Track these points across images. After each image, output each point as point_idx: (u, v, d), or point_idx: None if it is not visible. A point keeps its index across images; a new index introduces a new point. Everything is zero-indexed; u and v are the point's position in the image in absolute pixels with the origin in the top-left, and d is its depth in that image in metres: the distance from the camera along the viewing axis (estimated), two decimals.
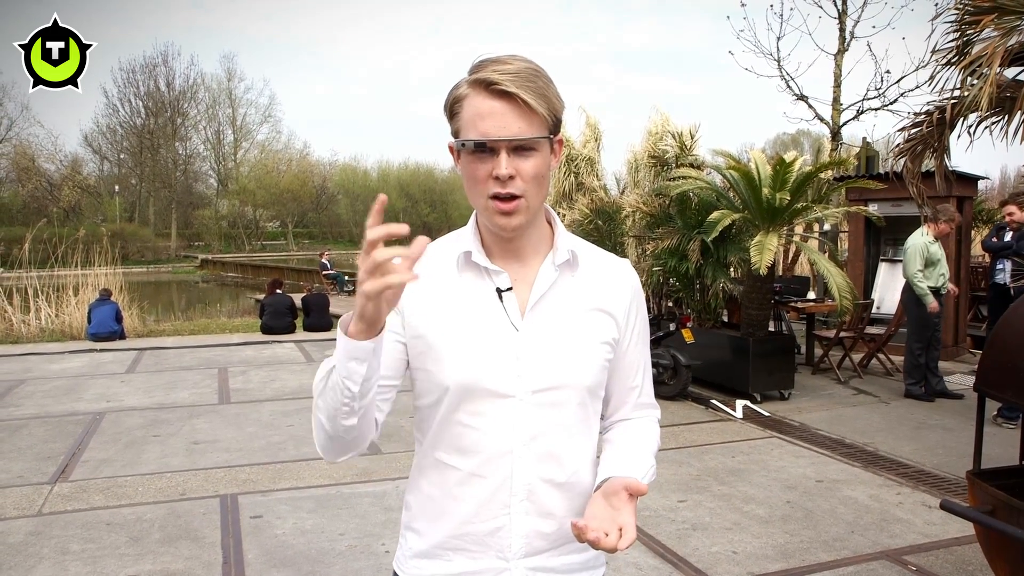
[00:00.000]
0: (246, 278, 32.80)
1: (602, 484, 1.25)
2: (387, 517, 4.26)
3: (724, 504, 4.47)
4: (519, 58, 1.22)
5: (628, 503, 1.18)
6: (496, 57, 1.22)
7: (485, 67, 1.20)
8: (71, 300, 12.95)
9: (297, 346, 10.62)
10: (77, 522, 4.24)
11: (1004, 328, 2.87)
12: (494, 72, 1.18)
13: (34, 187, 47.53)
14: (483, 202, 1.23)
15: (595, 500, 1.22)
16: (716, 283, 7.51)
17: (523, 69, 1.19)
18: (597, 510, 1.19)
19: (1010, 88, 4.96)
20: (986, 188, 22.28)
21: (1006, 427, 5.96)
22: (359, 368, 1.11)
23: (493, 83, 1.18)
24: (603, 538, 1.12)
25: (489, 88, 1.18)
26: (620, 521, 1.16)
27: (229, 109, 58.94)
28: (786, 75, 12.12)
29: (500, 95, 1.18)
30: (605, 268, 1.36)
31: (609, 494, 1.20)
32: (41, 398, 7.35)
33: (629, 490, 1.18)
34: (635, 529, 1.16)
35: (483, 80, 1.19)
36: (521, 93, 1.17)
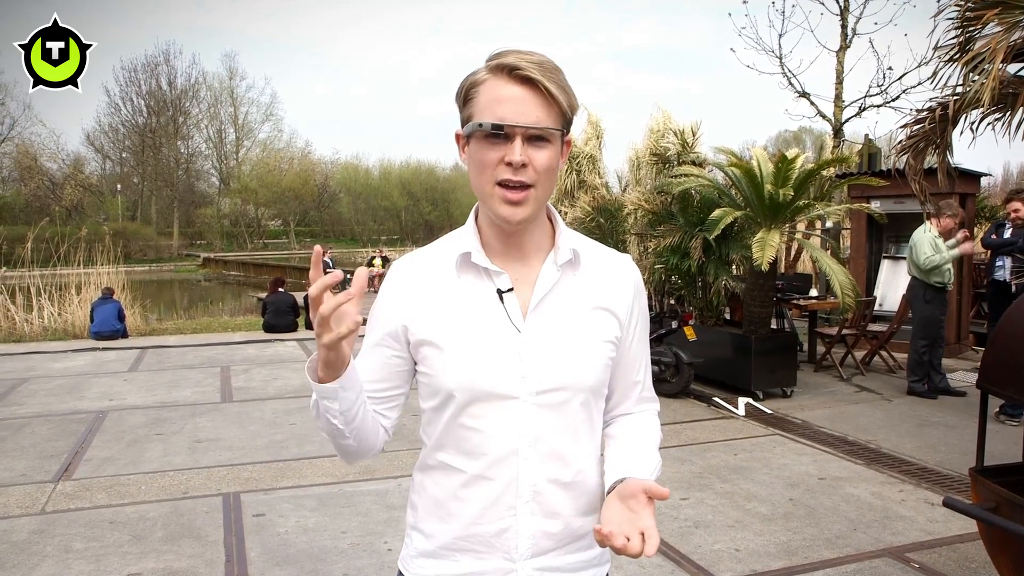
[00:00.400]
0: (248, 276, 32.84)
1: (616, 485, 1.22)
2: (389, 515, 4.26)
3: (726, 502, 4.46)
4: (540, 52, 1.23)
5: (647, 506, 1.15)
6: (518, 48, 1.22)
7: (508, 55, 1.20)
8: (73, 299, 12.98)
9: (299, 344, 10.62)
10: (80, 520, 4.24)
11: (1006, 325, 2.86)
12: (518, 59, 1.18)
13: (36, 186, 47.62)
14: (489, 189, 1.21)
15: (611, 503, 1.18)
16: (718, 281, 7.50)
17: (546, 61, 1.20)
18: (614, 514, 1.15)
19: (1013, 84, 4.94)
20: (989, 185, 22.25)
21: (1009, 424, 5.96)
22: (333, 405, 1.19)
23: (516, 68, 1.17)
24: (628, 544, 1.09)
25: (511, 73, 1.18)
26: (641, 525, 1.12)
27: (231, 108, 59.09)
28: (788, 72, 12.10)
29: (522, 81, 1.18)
30: (607, 265, 1.36)
31: (626, 496, 1.17)
32: (44, 397, 7.37)
33: (648, 493, 1.15)
34: (657, 533, 1.12)
35: (506, 65, 1.18)
36: (544, 81, 1.17)
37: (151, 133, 53.99)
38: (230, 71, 68.27)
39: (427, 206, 56.76)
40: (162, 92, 54.95)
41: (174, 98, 55.41)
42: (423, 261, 1.34)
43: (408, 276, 1.32)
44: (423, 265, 1.33)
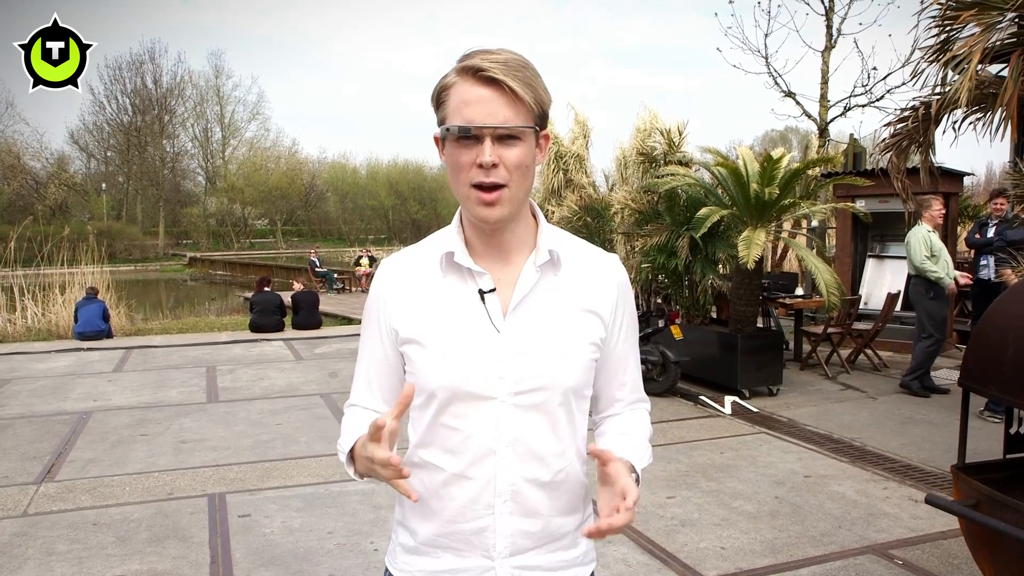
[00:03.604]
0: (235, 276, 32.65)
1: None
2: (376, 515, 4.25)
3: (713, 500, 4.48)
4: (507, 50, 1.23)
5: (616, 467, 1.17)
6: (485, 48, 1.23)
7: (473, 56, 1.21)
8: (57, 299, 12.86)
9: (286, 344, 10.58)
10: (63, 522, 4.21)
11: (986, 324, 2.89)
12: (482, 60, 1.19)
13: (19, 185, 47.08)
14: (465, 191, 1.23)
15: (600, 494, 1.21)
16: (705, 279, 7.53)
17: (511, 59, 1.20)
18: (603, 502, 1.19)
19: (993, 84, 4.98)
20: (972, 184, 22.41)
21: (991, 421, 6.01)
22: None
23: (481, 70, 1.18)
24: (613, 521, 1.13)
25: (476, 75, 1.19)
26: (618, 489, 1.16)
27: (217, 106, 58.62)
28: (774, 72, 12.17)
29: (487, 82, 1.18)
30: (590, 265, 1.36)
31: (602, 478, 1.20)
32: (27, 397, 7.30)
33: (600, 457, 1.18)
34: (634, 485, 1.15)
35: (471, 67, 1.19)
36: (508, 81, 1.18)
37: (136, 132, 53.48)
38: (216, 69, 67.86)
39: (414, 205, 56.55)
40: (147, 90, 54.44)
41: (160, 96, 54.90)
42: (410, 261, 1.36)
43: (396, 276, 1.34)
44: (410, 265, 1.35)
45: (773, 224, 7.12)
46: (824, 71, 11.85)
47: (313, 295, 12.89)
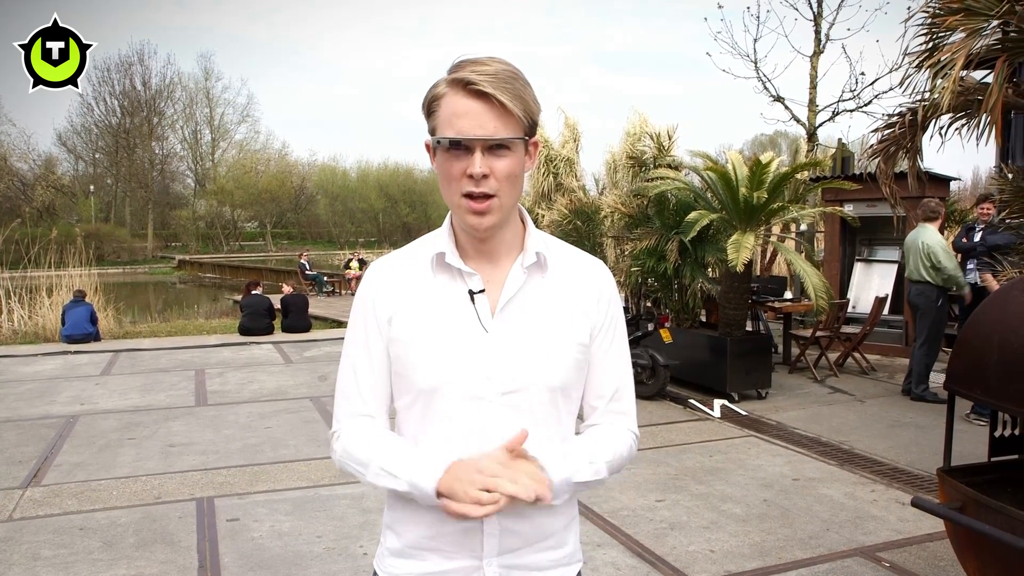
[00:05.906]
0: (224, 279, 32.53)
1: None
2: (365, 519, 4.24)
3: (702, 503, 4.50)
4: (497, 60, 1.24)
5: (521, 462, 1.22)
6: (475, 58, 1.24)
7: (463, 67, 1.22)
8: (45, 301, 12.75)
9: (275, 347, 10.54)
10: (49, 527, 4.18)
11: (971, 329, 2.92)
12: (472, 72, 1.20)
13: (6, 187, 46.70)
14: (456, 200, 1.25)
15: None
16: (694, 283, 7.56)
17: (501, 71, 1.22)
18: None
19: (979, 91, 5.02)
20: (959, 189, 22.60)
21: (977, 424, 6.06)
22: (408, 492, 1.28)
23: (471, 83, 1.20)
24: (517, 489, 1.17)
25: (466, 88, 1.20)
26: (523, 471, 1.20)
27: (207, 109, 58.44)
28: (763, 77, 12.26)
29: (477, 95, 1.20)
30: (577, 269, 1.37)
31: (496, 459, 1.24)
32: (13, 401, 7.24)
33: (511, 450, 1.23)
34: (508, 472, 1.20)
35: (461, 80, 1.21)
36: (497, 94, 1.19)
37: (125, 134, 53.21)
38: (206, 72, 67.35)
39: (405, 208, 56.49)
40: (136, 92, 54.19)
41: (148, 98, 54.66)
42: (400, 261, 1.38)
43: (386, 276, 1.35)
44: (400, 265, 1.37)
45: (762, 228, 7.16)
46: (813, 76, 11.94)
47: (302, 298, 12.84)
